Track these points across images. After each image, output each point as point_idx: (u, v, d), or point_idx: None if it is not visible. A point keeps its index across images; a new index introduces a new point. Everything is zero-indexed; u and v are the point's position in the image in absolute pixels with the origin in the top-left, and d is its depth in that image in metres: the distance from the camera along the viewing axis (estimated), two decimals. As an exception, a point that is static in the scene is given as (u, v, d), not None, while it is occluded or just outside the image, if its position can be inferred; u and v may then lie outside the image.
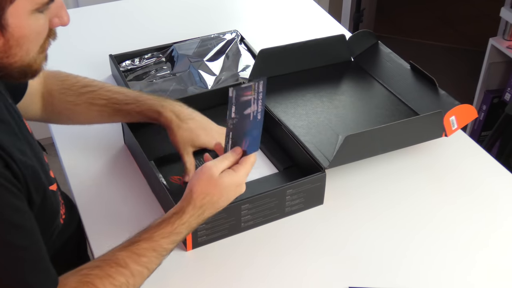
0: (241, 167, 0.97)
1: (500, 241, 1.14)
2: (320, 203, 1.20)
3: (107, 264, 0.89)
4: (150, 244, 0.92)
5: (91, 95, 1.20)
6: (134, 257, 0.90)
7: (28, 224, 0.84)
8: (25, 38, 0.84)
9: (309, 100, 1.42)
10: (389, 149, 1.26)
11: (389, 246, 1.12)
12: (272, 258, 1.09)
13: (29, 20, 0.83)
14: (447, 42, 3.57)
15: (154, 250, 0.92)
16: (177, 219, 0.94)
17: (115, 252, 0.91)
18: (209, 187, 0.94)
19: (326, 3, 3.09)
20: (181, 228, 0.94)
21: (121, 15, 1.87)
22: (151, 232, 0.93)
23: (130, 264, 0.90)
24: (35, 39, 0.86)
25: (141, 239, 0.92)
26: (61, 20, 0.89)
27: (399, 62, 1.49)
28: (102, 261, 0.90)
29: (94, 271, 0.88)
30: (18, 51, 0.84)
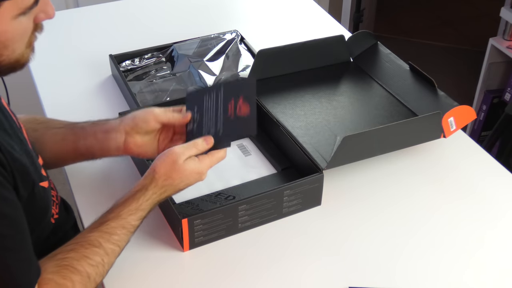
0: (207, 159, 1.02)
1: (500, 241, 1.14)
2: (318, 204, 1.20)
3: (81, 246, 0.92)
4: (119, 222, 0.96)
5: (49, 123, 1.17)
6: (106, 236, 0.94)
7: (13, 213, 0.85)
8: (9, 40, 0.86)
9: (308, 101, 1.42)
10: (387, 150, 1.26)
11: (388, 247, 1.12)
12: (269, 259, 1.09)
13: (13, 24, 0.84)
14: (447, 42, 3.57)
15: (123, 227, 0.96)
16: (141, 195, 0.98)
17: (86, 234, 0.94)
18: (172, 171, 0.99)
19: (326, 3, 3.09)
20: (146, 204, 0.99)
21: (121, 15, 1.87)
22: (118, 211, 0.97)
23: (103, 243, 0.93)
24: (20, 39, 0.88)
25: (109, 218, 0.96)
26: (47, 14, 0.91)
27: (398, 63, 1.49)
28: (76, 244, 0.93)
29: (70, 254, 0.91)
30: (4, 52, 0.86)
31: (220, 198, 1.17)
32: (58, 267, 0.89)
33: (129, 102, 1.44)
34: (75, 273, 0.89)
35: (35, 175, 0.95)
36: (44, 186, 0.99)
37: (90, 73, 1.59)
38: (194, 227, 1.07)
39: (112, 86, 1.54)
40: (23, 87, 1.81)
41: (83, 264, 0.90)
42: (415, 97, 1.41)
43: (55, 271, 0.88)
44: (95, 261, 0.92)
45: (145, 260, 1.07)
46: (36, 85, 1.55)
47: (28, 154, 0.95)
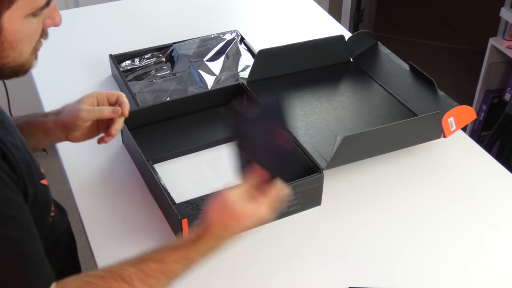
0: (266, 202, 0.90)
1: (501, 242, 1.14)
2: (318, 204, 1.20)
3: (112, 277, 0.86)
4: (161, 267, 0.88)
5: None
6: (142, 275, 0.87)
7: (23, 217, 0.84)
8: (18, 41, 0.85)
9: (308, 101, 1.42)
10: (387, 150, 1.26)
11: (388, 247, 1.12)
12: (269, 259, 1.09)
13: (23, 24, 0.84)
14: (447, 42, 3.57)
15: (163, 274, 0.88)
16: (193, 246, 0.90)
17: (123, 266, 0.88)
18: (228, 218, 0.89)
19: (326, 3, 3.09)
20: (195, 255, 0.90)
21: (121, 15, 1.87)
22: (163, 255, 0.90)
23: (136, 282, 0.86)
24: (28, 41, 0.87)
25: (152, 259, 0.89)
26: (54, 21, 0.91)
27: (398, 63, 1.49)
28: (108, 272, 0.88)
29: (97, 281, 0.86)
30: (11, 53, 0.86)
31: (220, 198, 1.17)
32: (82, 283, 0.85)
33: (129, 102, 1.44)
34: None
35: (37, 173, 0.96)
36: (45, 184, 0.99)
37: (90, 73, 1.59)
38: (193, 227, 1.07)
39: (112, 86, 1.54)
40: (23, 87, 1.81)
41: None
42: (415, 97, 1.41)
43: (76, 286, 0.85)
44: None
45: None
46: (36, 85, 1.55)
47: (28, 153, 0.95)
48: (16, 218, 0.83)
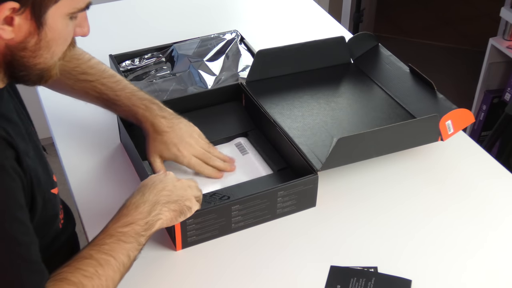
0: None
1: (501, 242, 1.14)
2: (312, 205, 1.20)
3: (74, 260, 0.91)
4: (105, 232, 0.95)
5: (87, 85, 1.23)
6: (95, 247, 0.93)
7: (27, 221, 0.85)
8: (54, 41, 0.86)
9: (306, 102, 1.42)
10: (384, 152, 1.26)
11: (385, 249, 1.12)
12: (262, 260, 1.09)
13: (63, 24, 0.85)
14: (447, 42, 3.57)
15: (111, 236, 0.94)
16: (126, 201, 1.01)
17: (80, 252, 0.94)
18: (149, 181, 1.05)
19: (326, 3, 3.09)
20: (127, 210, 0.99)
21: (121, 15, 1.87)
22: (106, 225, 0.98)
23: (94, 254, 0.92)
24: (62, 43, 0.88)
25: (98, 234, 0.96)
26: (82, 30, 0.92)
27: (398, 65, 1.49)
28: (71, 260, 0.92)
29: (64, 269, 0.89)
30: (45, 53, 0.86)
31: (214, 198, 1.17)
32: (54, 281, 0.87)
33: (129, 102, 1.44)
34: (70, 284, 0.87)
35: (47, 182, 0.96)
36: (54, 193, 0.99)
37: (90, 73, 1.58)
38: (186, 226, 1.07)
39: (112, 86, 1.54)
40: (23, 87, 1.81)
41: (76, 275, 0.88)
42: (414, 99, 1.41)
43: (50, 285, 0.87)
44: (89, 272, 0.89)
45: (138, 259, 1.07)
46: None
47: (41, 160, 0.95)
48: (23, 222, 0.83)
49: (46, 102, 1.48)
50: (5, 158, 0.81)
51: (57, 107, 1.46)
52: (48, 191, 0.95)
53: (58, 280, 0.88)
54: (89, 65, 1.24)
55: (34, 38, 0.83)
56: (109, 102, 1.23)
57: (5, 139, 0.82)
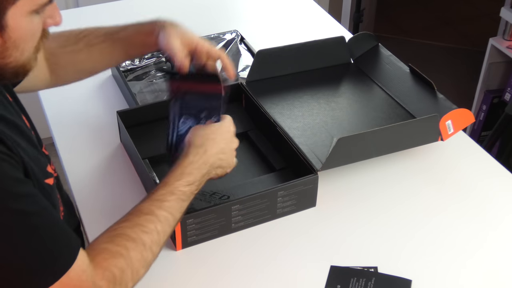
0: (226, 121, 1.10)
1: (501, 242, 1.14)
2: (312, 205, 1.20)
3: (134, 215, 0.93)
4: (167, 189, 0.97)
5: (88, 38, 1.21)
6: (156, 203, 0.95)
7: (32, 191, 0.84)
8: (21, 39, 0.85)
9: (306, 102, 1.42)
10: (384, 152, 1.26)
11: (385, 249, 1.12)
12: (262, 260, 1.09)
13: (27, 22, 0.83)
14: (447, 42, 3.57)
15: (172, 193, 0.97)
16: (184, 160, 1.01)
17: (138, 206, 0.95)
18: (202, 131, 1.05)
19: (326, 3, 3.09)
20: (191, 167, 1.00)
21: (121, 15, 1.87)
22: (165, 180, 0.99)
23: (155, 210, 0.94)
24: (30, 40, 0.87)
25: (158, 188, 0.97)
26: (54, 20, 0.90)
27: (398, 65, 1.49)
28: (129, 214, 0.94)
29: (123, 224, 0.91)
30: (13, 52, 0.85)
31: (214, 198, 1.17)
32: (112, 237, 0.89)
33: (129, 102, 1.44)
34: (129, 240, 0.89)
35: (39, 172, 0.95)
36: (49, 183, 0.99)
37: (90, 73, 1.58)
38: (186, 226, 1.07)
39: (112, 86, 1.54)
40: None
41: (136, 231, 0.90)
42: (415, 99, 1.41)
43: (108, 240, 0.89)
44: (149, 228, 0.91)
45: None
46: (36, 85, 1.55)
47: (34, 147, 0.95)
48: (29, 194, 0.82)
49: (46, 102, 1.48)
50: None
51: (57, 107, 1.46)
52: (41, 181, 0.95)
53: (116, 236, 0.89)
54: (81, 28, 1.22)
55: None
56: (115, 34, 1.20)
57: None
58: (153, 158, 1.26)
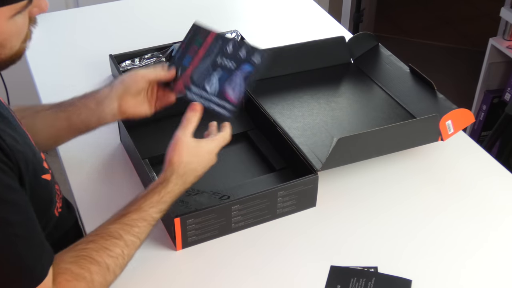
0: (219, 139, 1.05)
1: (502, 242, 1.14)
2: (312, 205, 1.20)
3: (102, 238, 0.92)
4: (140, 215, 0.96)
5: (42, 106, 1.18)
6: (127, 228, 0.94)
7: (20, 200, 0.85)
8: (7, 40, 0.86)
9: (306, 102, 1.42)
10: (384, 152, 1.26)
11: (385, 249, 1.12)
12: (262, 260, 1.09)
13: (10, 25, 0.85)
14: (447, 42, 3.57)
15: (144, 220, 0.96)
16: (162, 188, 0.99)
17: (107, 226, 0.95)
18: (188, 156, 1.01)
19: (326, 3, 3.09)
20: (167, 197, 0.99)
21: (121, 15, 1.87)
22: (139, 203, 0.97)
23: (124, 235, 0.94)
24: (17, 38, 0.88)
25: (131, 211, 0.97)
26: (40, 8, 0.91)
27: (398, 65, 1.49)
28: (96, 235, 0.93)
29: (89, 245, 0.91)
30: (2, 51, 0.87)
31: (214, 198, 1.17)
32: (76, 257, 0.89)
33: (129, 102, 1.44)
34: (93, 264, 0.89)
35: (38, 167, 0.96)
36: (47, 179, 1.00)
37: (90, 73, 1.59)
38: (186, 226, 1.07)
39: (112, 86, 1.54)
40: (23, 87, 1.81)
41: (102, 255, 0.90)
42: (415, 99, 1.41)
43: (72, 261, 0.88)
44: (115, 252, 0.92)
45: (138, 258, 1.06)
46: (36, 85, 1.55)
47: (30, 147, 0.95)
48: (15, 202, 0.83)
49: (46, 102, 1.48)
50: None
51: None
52: (38, 176, 0.95)
53: (81, 257, 0.89)
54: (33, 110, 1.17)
55: None
56: (64, 103, 1.16)
57: None
58: (153, 158, 1.26)
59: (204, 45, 1.12)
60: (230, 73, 1.09)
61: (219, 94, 1.08)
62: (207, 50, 1.11)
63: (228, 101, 1.07)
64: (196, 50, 1.13)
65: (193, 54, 1.13)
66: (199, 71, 1.11)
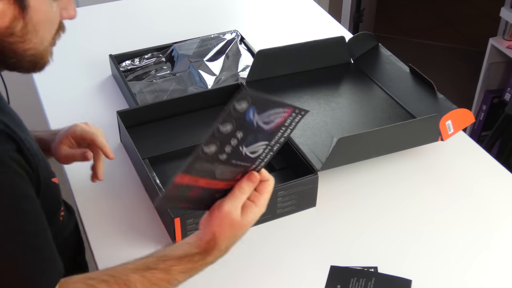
0: (263, 198, 0.89)
1: (501, 241, 1.14)
2: (313, 205, 1.20)
3: (116, 282, 0.86)
4: (167, 277, 0.88)
5: None
6: (146, 283, 0.87)
7: (36, 211, 0.84)
8: (41, 23, 0.84)
9: (306, 102, 1.42)
10: (384, 152, 1.26)
11: (384, 249, 1.12)
12: (262, 260, 1.09)
13: (46, 5, 0.84)
14: (447, 42, 3.57)
15: (168, 282, 0.89)
16: (199, 260, 0.90)
17: (127, 272, 0.87)
18: (234, 231, 0.89)
19: (326, 3, 3.09)
20: (201, 268, 0.91)
21: (121, 15, 1.87)
22: (170, 265, 0.89)
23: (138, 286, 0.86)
24: (49, 27, 0.87)
25: (158, 268, 0.88)
26: (68, 13, 0.91)
27: (398, 65, 1.49)
28: (111, 276, 0.87)
29: (100, 285, 0.85)
30: (33, 37, 0.85)
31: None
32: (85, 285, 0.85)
33: (129, 102, 1.44)
34: None
35: (49, 170, 0.96)
36: (56, 182, 1.00)
37: (90, 73, 1.59)
38: (186, 226, 1.07)
39: (112, 86, 1.54)
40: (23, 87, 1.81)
41: None
42: (415, 99, 1.41)
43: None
44: None
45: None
46: (36, 85, 1.55)
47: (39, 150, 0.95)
48: (29, 212, 0.82)
49: (46, 102, 1.48)
50: (5, 151, 0.81)
51: (57, 107, 1.46)
52: (49, 179, 0.95)
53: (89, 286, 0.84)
54: None
55: (20, 22, 0.82)
56: None
57: (4, 131, 0.82)
58: (153, 158, 1.26)
59: None
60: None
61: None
62: None
63: None
64: None
65: None
66: None
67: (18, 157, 0.83)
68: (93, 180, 1.16)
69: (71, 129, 1.15)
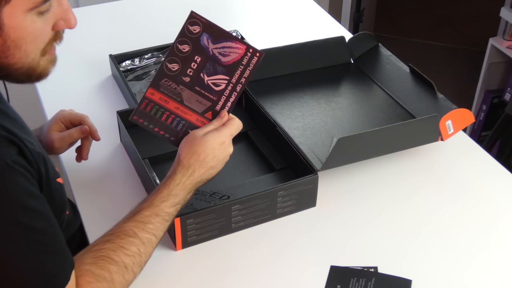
0: (225, 128, 1.03)
1: (501, 241, 1.14)
2: (312, 205, 1.20)
3: (117, 237, 0.93)
4: (152, 210, 0.97)
5: None
6: (140, 225, 0.95)
7: (44, 208, 0.85)
8: (21, 39, 0.84)
9: (306, 102, 1.42)
10: (384, 152, 1.26)
11: (384, 249, 1.12)
12: (262, 260, 1.09)
13: (25, 21, 0.83)
14: (447, 42, 3.57)
15: (157, 215, 0.96)
16: (171, 181, 0.99)
17: (121, 225, 0.95)
18: (193, 147, 1.00)
19: (326, 3, 3.09)
20: (177, 189, 0.99)
21: (121, 15, 1.87)
22: (150, 200, 0.98)
23: (138, 232, 0.94)
24: (32, 41, 0.86)
25: (143, 208, 0.97)
26: (67, 23, 0.90)
27: (398, 65, 1.49)
28: (111, 234, 0.93)
29: (106, 245, 0.91)
30: (16, 52, 0.85)
31: (214, 198, 1.17)
32: (95, 258, 0.90)
33: (129, 102, 1.44)
34: (112, 263, 0.90)
35: (53, 170, 0.97)
36: (60, 182, 1.01)
37: (90, 73, 1.59)
38: (186, 226, 1.07)
39: (112, 86, 1.54)
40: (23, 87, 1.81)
41: (119, 254, 0.91)
42: (415, 99, 1.41)
43: (92, 262, 0.89)
44: (132, 251, 0.92)
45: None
46: (36, 85, 1.55)
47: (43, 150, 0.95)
48: (38, 209, 0.84)
49: (46, 102, 1.48)
50: (8, 156, 0.81)
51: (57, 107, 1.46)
52: (54, 179, 0.96)
53: (99, 258, 0.90)
54: None
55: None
56: None
57: (5, 137, 0.83)
58: (153, 158, 1.26)
59: None
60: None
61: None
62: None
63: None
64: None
65: None
66: None
67: (20, 160, 0.84)
68: (78, 160, 1.23)
69: (59, 114, 1.21)
